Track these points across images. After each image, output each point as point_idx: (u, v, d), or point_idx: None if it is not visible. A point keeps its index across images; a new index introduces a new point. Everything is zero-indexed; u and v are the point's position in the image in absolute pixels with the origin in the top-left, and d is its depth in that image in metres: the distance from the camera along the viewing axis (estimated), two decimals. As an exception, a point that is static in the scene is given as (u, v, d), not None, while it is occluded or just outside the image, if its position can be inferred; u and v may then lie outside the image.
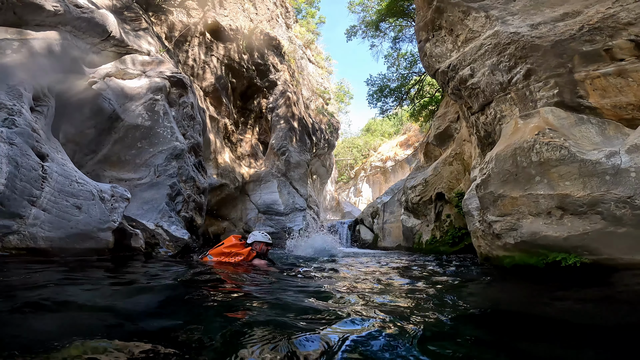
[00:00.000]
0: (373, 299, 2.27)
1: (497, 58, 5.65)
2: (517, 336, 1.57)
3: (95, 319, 1.54)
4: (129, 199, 4.14)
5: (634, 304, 2.17)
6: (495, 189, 3.88)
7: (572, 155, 3.18)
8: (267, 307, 1.91)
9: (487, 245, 4.12)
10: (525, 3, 5.44)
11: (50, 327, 1.40)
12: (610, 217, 2.83)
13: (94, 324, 1.46)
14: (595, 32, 4.47)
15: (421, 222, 9.74)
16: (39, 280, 2.14)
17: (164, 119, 6.71)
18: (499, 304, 2.36)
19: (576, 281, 2.70)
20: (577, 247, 3.02)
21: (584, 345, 1.43)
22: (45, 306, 1.60)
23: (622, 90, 4.18)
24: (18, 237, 2.61)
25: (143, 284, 2.44)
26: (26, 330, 1.30)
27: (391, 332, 1.52)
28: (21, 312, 1.49)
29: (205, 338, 1.31)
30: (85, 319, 1.55)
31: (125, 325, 1.47)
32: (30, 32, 4.33)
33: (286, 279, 3.06)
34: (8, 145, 2.78)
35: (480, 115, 5.65)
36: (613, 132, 3.84)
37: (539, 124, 3.85)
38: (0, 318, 1.42)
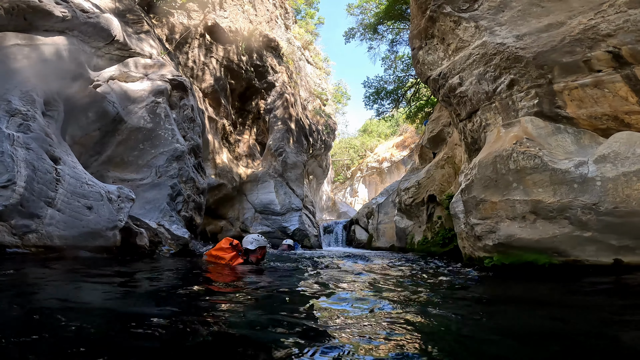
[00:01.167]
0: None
1: (484, 68, 5.90)
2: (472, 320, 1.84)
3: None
4: (134, 200, 4.38)
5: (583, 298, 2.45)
6: (477, 194, 4.16)
7: (545, 164, 3.47)
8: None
9: (470, 246, 4.41)
10: (513, 14, 5.57)
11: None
12: (577, 222, 3.12)
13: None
14: (575, 43, 4.64)
15: (414, 223, 10.04)
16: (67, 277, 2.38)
17: (165, 122, 6.94)
18: (456, 295, 2.63)
19: (540, 279, 2.99)
20: (548, 249, 3.30)
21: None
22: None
23: (598, 101, 4.44)
24: (37, 235, 2.84)
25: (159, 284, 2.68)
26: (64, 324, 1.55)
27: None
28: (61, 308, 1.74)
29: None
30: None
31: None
32: (39, 38, 4.53)
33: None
34: (25, 150, 3.01)
35: (467, 122, 5.93)
36: (588, 141, 4.13)
37: (518, 133, 4.14)
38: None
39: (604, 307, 2.25)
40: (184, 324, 1.50)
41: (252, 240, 4.03)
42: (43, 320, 1.45)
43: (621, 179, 2.97)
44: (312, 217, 15.89)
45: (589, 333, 1.67)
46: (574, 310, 2.18)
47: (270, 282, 3.04)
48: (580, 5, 4.73)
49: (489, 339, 1.55)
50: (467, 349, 1.42)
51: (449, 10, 6.66)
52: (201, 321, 1.58)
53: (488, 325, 1.80)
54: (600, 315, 2.03)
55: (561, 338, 1.57)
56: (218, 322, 1.60)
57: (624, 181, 2.95)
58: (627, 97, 4.29)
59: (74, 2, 5.47)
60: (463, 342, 1.52)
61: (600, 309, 2.19)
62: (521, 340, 1.55)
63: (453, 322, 1.79)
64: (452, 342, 1.52)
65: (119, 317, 1.57)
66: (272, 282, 3.01)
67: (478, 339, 1.56)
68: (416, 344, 1.42)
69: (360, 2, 18.16)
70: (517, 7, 5.42)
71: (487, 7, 6.07)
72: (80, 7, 5.61)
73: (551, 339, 1.53)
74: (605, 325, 1.82)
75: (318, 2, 25.55)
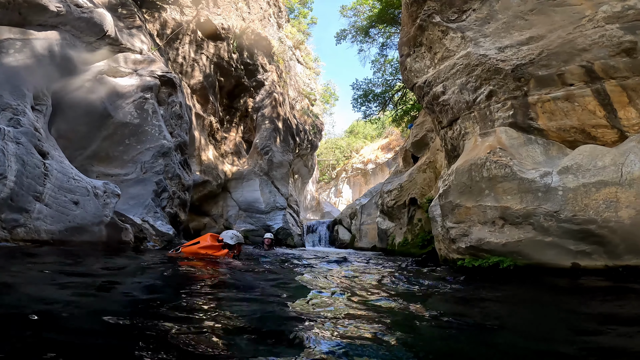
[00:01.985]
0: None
1: (466, 78, 6.14)
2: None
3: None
4: (120, 195, 4.41)
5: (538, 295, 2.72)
6: (453, 199, 4.42)
7: (514, 174, 3.75)
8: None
9: (445, 248, 4.68)
10: (498, 26, 5.66)
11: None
12: (540, 228, 3.40)
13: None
14: (552, 57, 4.79)
15: (395, 225, 10.34)
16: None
17: (152, 118, 6.93)
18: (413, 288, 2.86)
19: (504, 281, 3.26)
20: (513, 252, 3.58)
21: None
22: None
23: (568, 114, 4.70)
24: (25, 229, 2.87)
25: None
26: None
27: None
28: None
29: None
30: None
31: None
32: (32, 32, 4.50)
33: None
34: (15, 145, 3.03)
35: (448, 130, 6.20)
36: (555, 152, 4.44)
37: (493, 143, 4.42)
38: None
39: (558, 305, 2.50)
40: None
41: (232, 236, 4.15)
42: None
43: (581, 189, 3.27)
44: (296, 216, 16.03)
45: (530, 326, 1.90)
46: (520, 306, 2.43)
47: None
48: (561, 19, 4.87)
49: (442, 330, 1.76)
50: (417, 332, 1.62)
51: (438, 20, 6.77)
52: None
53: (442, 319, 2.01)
54: (547, 311, 2.28)
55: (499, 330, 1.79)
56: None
57: (584, 191, 3.25)
58: (595, 111, 4.54)
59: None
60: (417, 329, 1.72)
61: (553, 307, 2.45)
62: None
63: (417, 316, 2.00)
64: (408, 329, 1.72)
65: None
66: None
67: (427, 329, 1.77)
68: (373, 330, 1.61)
69: (354, 5, 18.24)
70: (503, 19, 5.56)
71: (475, 18, 6.24)
72: (75, 1, 5.54)
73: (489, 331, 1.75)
74: (552, 321, 2.06)
75: (312, 2, 25.53)
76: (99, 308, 1.69)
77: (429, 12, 6.85)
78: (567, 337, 1.71)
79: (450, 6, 6.55)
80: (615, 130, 4.31)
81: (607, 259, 3.08)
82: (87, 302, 1.82)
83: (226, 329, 1.53)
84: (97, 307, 1.71)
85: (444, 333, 1.72)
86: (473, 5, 6.23)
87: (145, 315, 1.64)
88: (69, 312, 1.57)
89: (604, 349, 1.52)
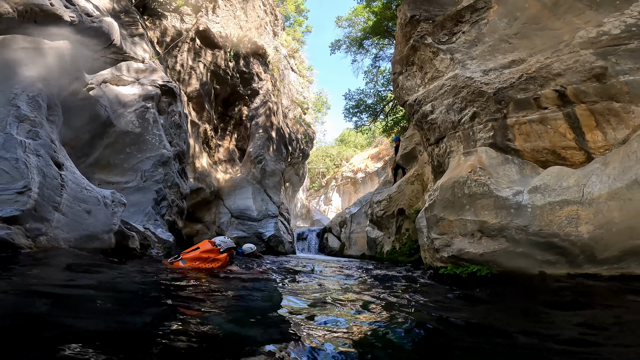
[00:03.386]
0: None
1: (453, 99, 6.53)
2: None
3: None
4: (125, 204, 4.65)
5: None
6: (438, 213, 4.82)
7: (491, 192, 4.18)
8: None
9: (430, 257, 5.06)
10: (485, 49, 5.97)
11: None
12: (512, 240, 3.82)
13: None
14: (530, 81, 5.08)
15: (384, 234, 10.73)
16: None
17: (153, 127, 7.17)
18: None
19: (481, 286, 3.65)
20: (489, 261, 3.98)
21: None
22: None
23: (541, 136, 5.10)
24: (46, 238, 3.10)
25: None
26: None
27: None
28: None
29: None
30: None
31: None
32: (45, 42, 4.71)
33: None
34: (36, 157, 3.27)
35: (435, 147, 6.64)
36: (529, 171, 4.89)
37: (474, 162, 4.86)
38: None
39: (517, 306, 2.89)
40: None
41: (225, 241, 4.32)
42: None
43: (547, 207, 3.70)
44: (287, 224, 16.27)
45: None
46: (489, 305, 2.80)
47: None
48: (542, 43, 5.16)
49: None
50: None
51: (430, 41, 7.03)
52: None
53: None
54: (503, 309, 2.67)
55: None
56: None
57: (549, 209, 3.68)
58: (566, 134, 4.91)
59: (80, 5, 5.65)
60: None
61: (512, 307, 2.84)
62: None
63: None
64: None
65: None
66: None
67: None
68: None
69: (350, 16, 18.58)
70: (489, 42, 5.87)
71: (463, 40, 6.54)
72: (85, 10, 5.76)
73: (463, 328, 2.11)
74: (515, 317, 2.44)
75: (308, 11, 26.01)
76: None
77: (421, 33, 7.19)
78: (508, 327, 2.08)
79: (442, 28, 6.92)
80: (583, 152, 4.73)
81: (569, 268, 3.50)
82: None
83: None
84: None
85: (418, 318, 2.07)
86: (463, 28, 6.58)
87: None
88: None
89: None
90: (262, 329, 1.76)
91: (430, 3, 7.56)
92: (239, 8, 15.70)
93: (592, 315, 2.51)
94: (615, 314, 2.50)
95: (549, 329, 2.08)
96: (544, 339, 1.84)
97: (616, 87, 4.56)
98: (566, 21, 5.01)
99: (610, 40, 4.46)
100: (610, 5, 4.60)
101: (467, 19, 6.60)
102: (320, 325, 1.97)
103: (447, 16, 6.93)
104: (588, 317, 2.48)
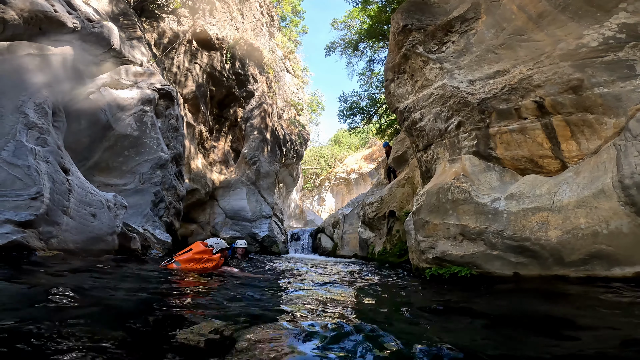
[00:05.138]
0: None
1: (440, 108, 6.78)
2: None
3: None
4: (127, 207, 4.86)
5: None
6: (424, 216, 5.13)
7: (471, 198, 4.50)
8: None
9: (417, 258, 5.37)
10: (472, 59, 6.16)
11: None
12: (489, 243, 4.13)
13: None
14: (512, 92, 5.28)
15: (375, 235, 11.03)
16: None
17: (151, 130, 7.35)
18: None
19: (460, 285, 3.97)
20: (469, 262, 4.29)
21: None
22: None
23: (520, 145, 5.38)
24: (57, 240, 3.30)
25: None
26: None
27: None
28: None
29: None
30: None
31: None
32: (50, 48, 4.86)
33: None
34: (45, 164, 3.47)
35: (423, 153, 6.94)
36: (509, 178, 5.21)
37: (457, 169, 5.17)
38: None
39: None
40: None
41: (218, 242, 4.39)
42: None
43: (521, 213, 4.03)
44: (281, 224, 16.51)
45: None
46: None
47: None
48: (525, 55, 5.32)
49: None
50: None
51: (421, 51, 7.21)
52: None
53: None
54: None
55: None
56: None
57: (522, 215, 4.00)
58: (543, 143, 5.18)
59: (82, 11, 5.80)
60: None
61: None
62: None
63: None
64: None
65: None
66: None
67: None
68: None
69: (345, 18, 18.72)
70: (476, 53, 6.06)
71: (453, 50, 6.71)
72: (87, 15, 5.91)
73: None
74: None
75: (304, 12, 26.16)
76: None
77: (413, 42, 7.40)
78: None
79: (432, 37, 7.13)
80: (558, 160, 5.02)
81: (540, 270, 3.83)
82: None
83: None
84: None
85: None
86: (452, 38, 6.80)
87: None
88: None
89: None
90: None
91: (422, 12, 7.78)
92: (236, 10, 15.85)
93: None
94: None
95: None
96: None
97: (591, 99, 4.79)
98: (549, 33, 5.21)
99: (588, 52, 4.66)
100: (591, 17, 4.76)
101: (457, 29, 6.81)
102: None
103: (438, 26, 7.16)
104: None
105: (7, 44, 4.70)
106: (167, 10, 12.18)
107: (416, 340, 1.66)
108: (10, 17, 4.84)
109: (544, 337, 1.90)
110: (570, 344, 1.78)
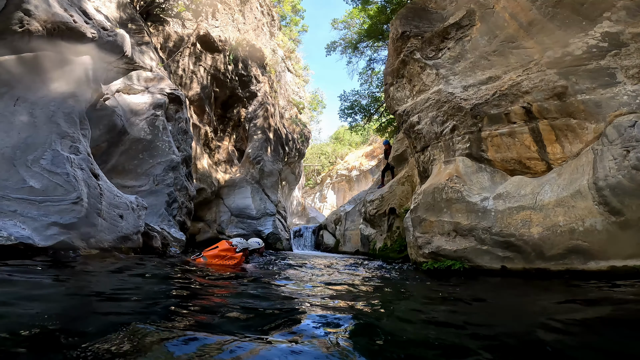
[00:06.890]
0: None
1: (436, 112, 7.16)
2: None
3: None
4: (147, 208, 5.29)
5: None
6: (421, 214, 5.55)
7: (463, 197, 4.92)
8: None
9: (415, 253, 5.80)
10: (466, 65, 6.49)
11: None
12: (479, 239, 4.56)
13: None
14: (503, 97, 5.61)
15: (376, 232, 11.47)
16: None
17: (162, 134, 7.76)
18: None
19: (454, 277, 4.41)
20: (461, 257, 4.72)
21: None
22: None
23: (510, 147, 5.77)
24: (94, 240, 3.73)
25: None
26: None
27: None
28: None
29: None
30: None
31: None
32: (72, 59, 5.18)
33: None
34: (80, 171, 3.88)
35: (421, 154, 7.35)
36: (499, 179, 5.62)
37: (452, 170, 5.58)
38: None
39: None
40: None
41: (241, 242, 4.81)
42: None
43: (507, 211, 4.45)
44: (284, 221, 16.97)
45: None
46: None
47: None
48: (515, 62, 5.63)
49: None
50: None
51: (418, 57, 7.54)
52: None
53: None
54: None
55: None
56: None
57: (508, 213, 4.42)
58: (530, 146, 5.56)
59: (96, 20, 6.13)
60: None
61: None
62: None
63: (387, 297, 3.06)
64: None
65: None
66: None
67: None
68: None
69: (345, 18, 18.95)
70: (470, 59, 6.37)
71: (448, 56, 7.02)
72: (102, 24, 6.22)
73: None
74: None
75: (304, 11, 26.38)
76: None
77: (411, 48, 7.76)
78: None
79: (429, 44, 7.49)
80: (544, 162, 5.42)
81: (524, 263, 4.25)
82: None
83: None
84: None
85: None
86: (448, 44, 7.16)
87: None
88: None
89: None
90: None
91: (420, 19, 8.13)
92: (237, 11, 16.16)
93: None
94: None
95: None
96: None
97: (574, 105, 5.17)
98: (538, 41, 5.55)
99: (573, 60, 4.98)
100: (577, 26, 5.07)
101: (453, 36, 7.17)
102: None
103: (434, 33, 7.53)
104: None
105: (33, 55, 5.07)
106: (172, 14, 12.51)
107: (409, 323, 2.08)
108: (35, 28, 5.18)
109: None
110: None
